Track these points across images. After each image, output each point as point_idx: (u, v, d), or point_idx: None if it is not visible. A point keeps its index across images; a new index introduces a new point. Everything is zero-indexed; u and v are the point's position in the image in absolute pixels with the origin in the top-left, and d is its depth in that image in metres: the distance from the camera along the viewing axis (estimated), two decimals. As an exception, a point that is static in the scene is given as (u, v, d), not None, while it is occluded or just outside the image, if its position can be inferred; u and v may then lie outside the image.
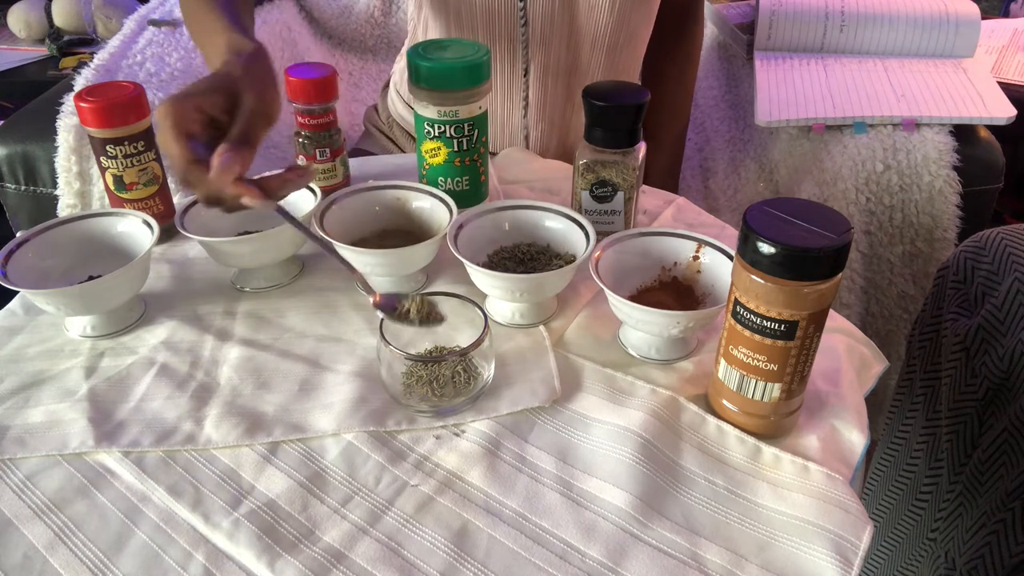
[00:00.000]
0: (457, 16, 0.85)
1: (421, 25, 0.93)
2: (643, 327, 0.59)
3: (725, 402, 0.54)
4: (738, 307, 0.50)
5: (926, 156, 0.95)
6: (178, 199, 0.88)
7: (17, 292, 0.61)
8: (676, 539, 0.47)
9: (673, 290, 0.64)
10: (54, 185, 0.99)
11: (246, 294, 0.68)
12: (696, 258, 0.63)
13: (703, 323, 0.58)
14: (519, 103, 0.90)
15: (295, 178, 0.58)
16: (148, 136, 0.70)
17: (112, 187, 0.70)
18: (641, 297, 0.63)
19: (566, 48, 0.87)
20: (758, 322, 0.49)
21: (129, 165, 0.69)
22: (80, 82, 0.99)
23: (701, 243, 0.63)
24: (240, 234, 0.69)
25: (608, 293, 0.58)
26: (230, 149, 0.54)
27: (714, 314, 0.57)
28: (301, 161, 0.78)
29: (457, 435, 0.54)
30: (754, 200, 0.58)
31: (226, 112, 0.57)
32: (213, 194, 0.55)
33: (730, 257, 0.61)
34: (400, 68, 1.02)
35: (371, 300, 0.56)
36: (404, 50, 1.03)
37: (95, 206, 1.00)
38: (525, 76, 0.88)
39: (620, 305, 0.58)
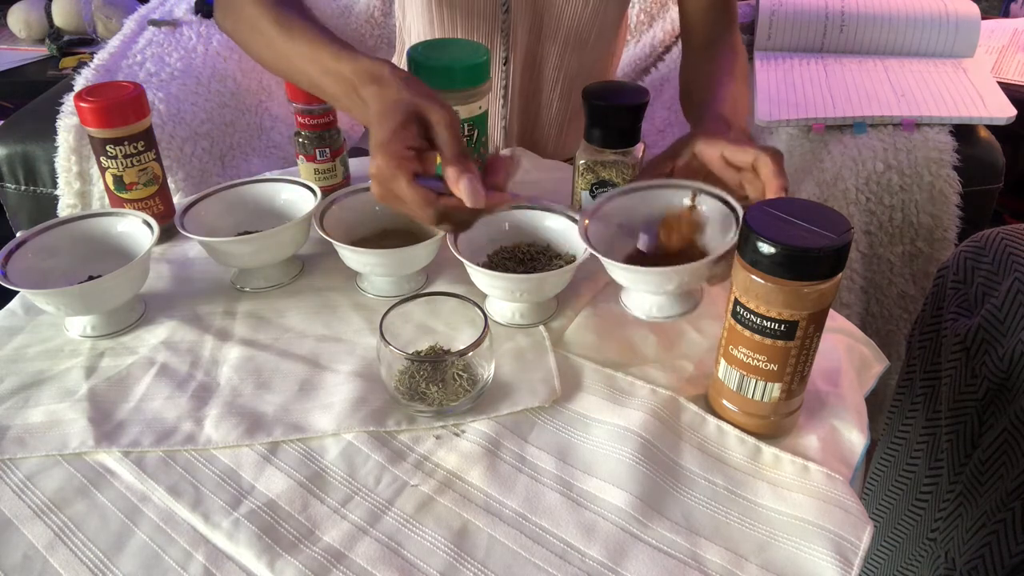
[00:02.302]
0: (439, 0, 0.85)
1: (399, 6, 0.93)
2: (640, 287, 0.57)
3: (725, 402, 0.54)
4: (738, 307, 0.50)
5: (926, 156, 0.95)
6: (178, 199, 0.88)
7: (17, 292, 0.61)
8: (676, 539, 0.47)
9: (674, 242, 0.60)
10: (54, 185, 0.99)
11: (246, 294, 0.68)
12: (692, 208, 0.60)
13: (700, 275, 0.55)
14: (498, 92, 0.90)
15: (511, 166, 0.55)
16: (148, 136, 0.70)
17: (112, 187, 0.70)
18: (640, 255, 0.60)
19: (538, 39, 0.88)
20: (758, 322, 0.49)
21: (129, 165, 0.69)
22: (80, 82, 1.00)
23: (696, 191, 0.60)
24: (240, 234, 0.69)
25: (602, 259, 0.56)
26: (462, 170, 0.52)
27: (708, 265, 0.54)
28: (301, 161, 0.78)
29: (457, 435, 0.54)
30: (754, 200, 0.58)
31: (424, 138, 0.54)
32: (472, 216, 0.54)
33: (726, 203, 0.58)
34: None
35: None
36: (396, 52, 1.03)
37: (95, 206, 1.00)
38: (505, 65, 0.88)
39: (614, 268, 0.56)
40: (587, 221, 0.59)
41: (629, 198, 0.62)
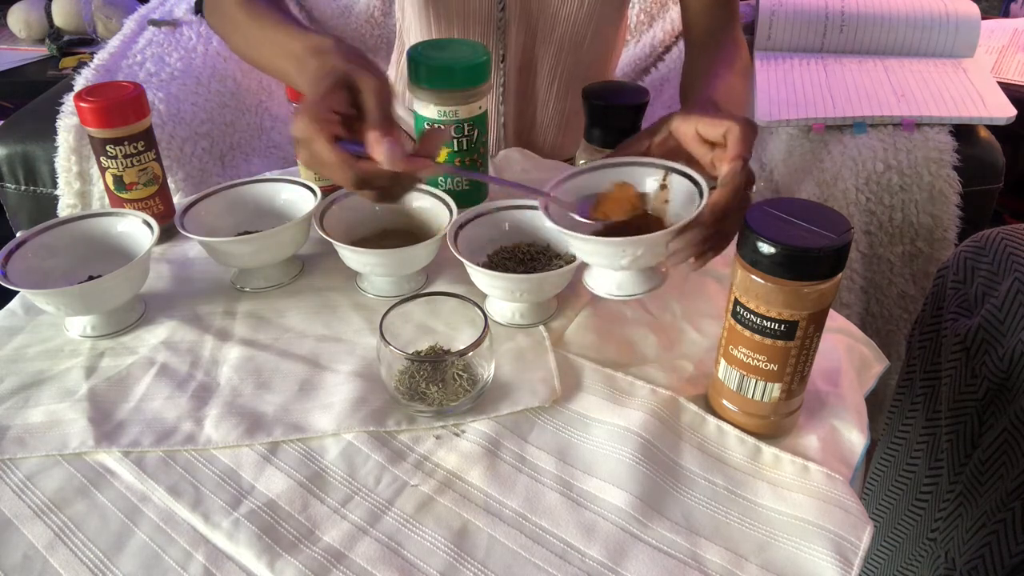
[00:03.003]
0: None
1: (399, 6, 0.93)
2: (595, 259, 0.55)
3: (725, 402, 0.54)
4: (738, 307, 0.50)
5: (926, 156, 0.95)
6: (178, 199, 0.88)
7: (17, 292, 0.61)
8: (676, 539, 0.47)
9: (642, 223, 0.58)
10: (54, 185, 0.99)
11: (246, 294, 0.68)
12: (664, 187, 0.58)
13: (656, 249, 0.53)
14: (496, 92, 0.90)
15: (437, 136, 0.56)
16: (148, 136, 0.70)
17: (112, 187, 0.70)
18: (608, 232, 0.58)
19: (533, 40, 0.88)
20: (758, 322, 0.49)
21: (129, 165, 0.69)
22: (80, 82, 0.99)
23: (667, 170, 0.58)
24: (240, 234, 0.69)
25: (557, 229, 0.54)
26: (383, 132, 0.52)
27: (665, 237, 0.52)
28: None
29: (457, 435, 0.54)
30: (754, 200, 0.58)
31: (352, 106, 0.54)
32: (390, 182, 0.54)
33: (695, 184, 0.56)
34: (395, 72, 1.03)
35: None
36: (396, 52, 1.03)
37: (95, 206, 1.00)
38: (502, 64, 0.88)
39: (570, 239, 0.54)
40: (550, 194, 0.57)
41: (595, 175, 0.60)
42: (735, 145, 0.54)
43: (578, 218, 0.57)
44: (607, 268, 0.56)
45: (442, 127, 0.55)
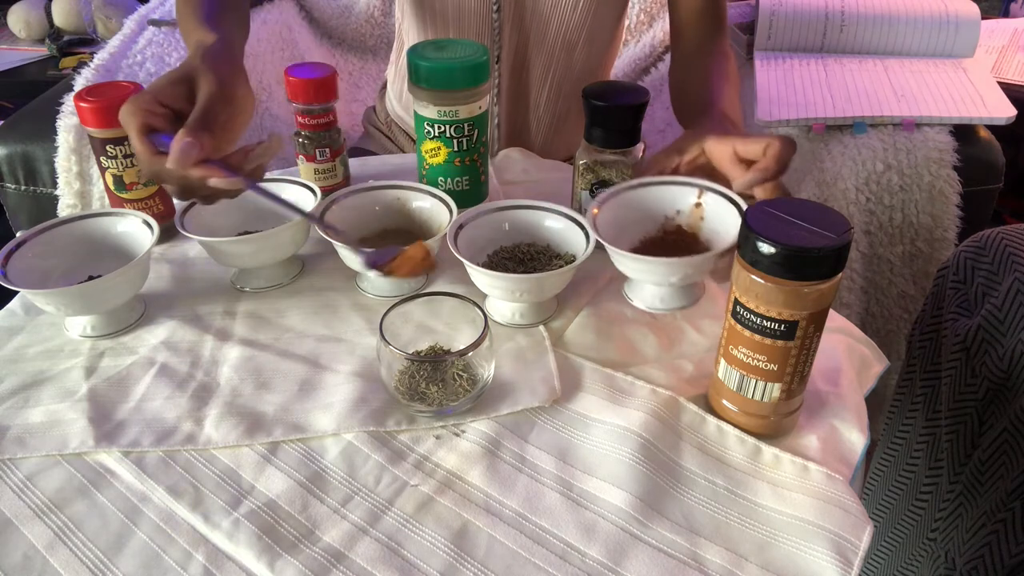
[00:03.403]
0: None
1: (398, 6, 0.93)
2: (644, 276, 0.59)
3: (725, 402, 0.54)
4: (738, 307, 0.50)
5: (926, 156, 0.95)
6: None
7: (17, 292, 0.61)
8: (676, 539, 0.47)
9: (678, 238, 0.63)
10: (54, 185, 0.99)
11: (246, 294, 0.68)
12: (699, 204, 0.62)
13: (703, 268, 0.57)
14: (492, 92, 0.90)
15: (259, 149, 0.58)
16: (148, 136, 0.70)
17: (112, 187, 0.70)
18: (644, 248, 0.63)
19: (526, 41, 0.88)
20: (758, 322, 0.49)
21: (129, 165, 0.69)
22: (80, 82, 1.00)
23: (702, 189, 0.62)
24: (240, 234, 0.69)
25: (608, 247, 0.57)
26: (187, 134, 0.54)
27: (713, 258, 0.56)
28: (301, 161, 0.78)
29: (457, 435, 0.54)
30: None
31: (190, 102, 0.57)
32: (179, 182, 0.56)
33: (732, 202, 0.60)
34: (394, 71, 1.03)
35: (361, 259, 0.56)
36: (395, 51, 1.03)
37: (95, 206, 1.00)
38: (497, 63, 0.89)
39: (619, 257, 0.58)
40: (596, 211, 0.60)
41: (636, 193, 0.63)
42: (771, 159, 0.57)
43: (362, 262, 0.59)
44: (656, 284, 0.59)
45: (268, 142, 0.58)
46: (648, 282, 0.59)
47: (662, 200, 0.63)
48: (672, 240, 0.63)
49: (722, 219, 0.61)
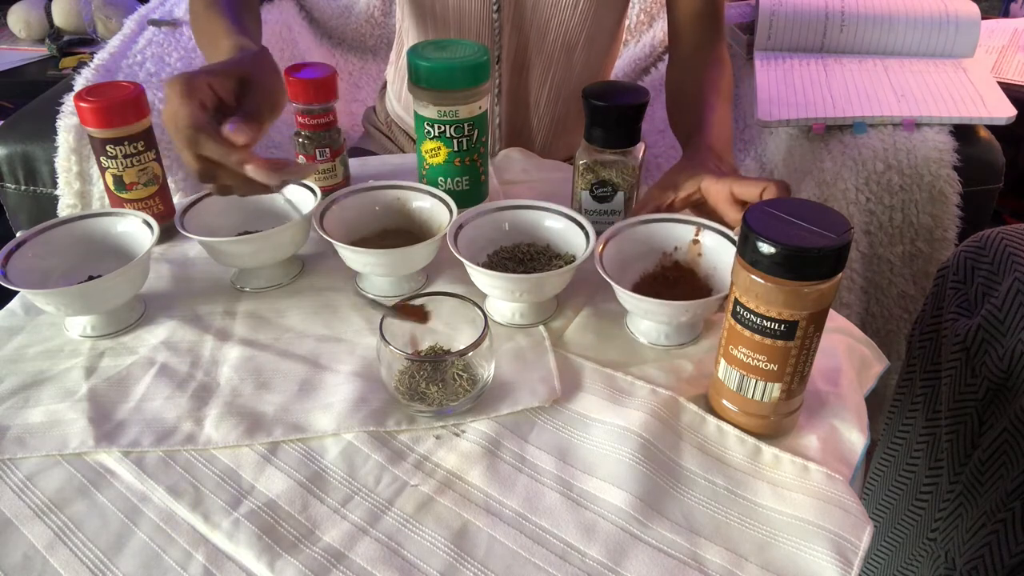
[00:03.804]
0: None
1: (399, 6, 0.93)
2: (652, 317, 0.60)
3: (725, 402, 0.54)
4: (738, 307, 0.50)
5: (926, 156, 0.95)
6: (178, 199, 0.88)
7: (17, 292, 0.61)
8: (676, 539, 0.47)
9: (676, 274, 0.64)
10: (54, 185, 0.99)
11: (246, 294, 0.68)
12: (696, 241, 0.64)
13: (712, 309, 0.58)
14: (493, 92, 0.90)
15: (294, 167, 0.59)
16: (148, 136, 0.70)
17: (112, 187, 0.70)
18: (644, 284, 0.64)
19: (526, 42, 0.88)
20: (758, 322, 0.49)
21: (129, 165, 0.69)
22: (80, 82, 0.99)
23: (700, 227, 0.64)
24: (240, 234, 0.69)
25: (616, 288, 0.58)
26: (239, 120, 0.55)
27: (722, 299, 0.57)
28: (300, 161, 0.78)
29: (457, 435, 0.54)
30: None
31: (234, 97, 0.58)
32: (217, 154, 0.55)
33: (729, 240, 0.62)
34: (394, 71, 1.03)
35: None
36: (395, 52, 1.03)
37: (95, 206, 1.00)
38: (498, 64, 0.89)
39: (629, 299, 0.58)
40: (602, 248, 0.61)
41: (636, 229, 0.64)
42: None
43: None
44: (664, 324, 0.61)
45: (305, 166, 0.59)
46: (659, 322, 0.61)
47: (661, 236, 0.64)
48: (671, 276, 0.65)
49: (719, 256, 0.62)
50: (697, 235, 0.63)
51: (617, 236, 0.63)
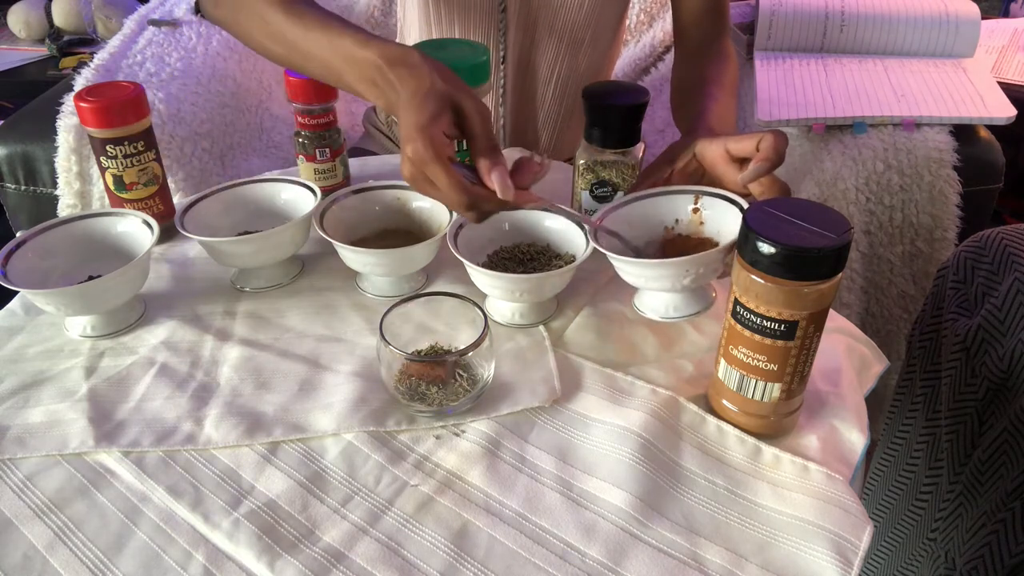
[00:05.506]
0: None
1: (400, 5, 0.93)
2: (655, 283, 0.58)
3: (725, 402, 0.54)
4: (738, 307, 0.50)
5: (926, 156, 0.95)
6: (178, 199, 0.88)
7: (17, 292, 0.61)
8: (676, 539, 0.47)
9: (681, 247, 0.63)
10: (54, 185, 0.99)
11: (246, 294, 0.68)
12: (696, 210, 0.62)
13: (713, 266, 0.57)
14: (497, 91, 0.90)
15: (537, 168, 0.57)
16: (148, 136, 0.70)
17: (112, 187, 0.70)
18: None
19: (532, 40, 0.88)
20: (758, 322, 0.49)
21: (129, 165, 0.69)
22: (80, 82, 0.99)
23: (698, 194, 0.62)
24: (240, 234, 0.69)
25: (612, 257, 0.57)
26: (494, 163, 0.54)
27: (725, 252, 0.56)
28: (301, 161, 0.78)
29: (457, 435, 0.54)
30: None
31: (455, 126, 0.55)
32: (495, 209, 0.56)
33: (730, 201, 0.60)
34: None
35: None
36: None
37: (95, 206, 1.00)
38: (503, 63, 0.89)
39: (628, 267, 0.57)
40: (598, 225, 0.60)
41: (633, 207, 0.63)
42: (769, 150, 0.57)
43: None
44: (666, 291, 0.59)
45: (539, 161, 0.57)
46: (659, 289, 0.59)
47: (660, 211, 0.63)
48: (676, 250, 0.63)
49: (723, 220, 0.61)
50: (696, 203, 0.62)
51: (613, 214, 0.61)
